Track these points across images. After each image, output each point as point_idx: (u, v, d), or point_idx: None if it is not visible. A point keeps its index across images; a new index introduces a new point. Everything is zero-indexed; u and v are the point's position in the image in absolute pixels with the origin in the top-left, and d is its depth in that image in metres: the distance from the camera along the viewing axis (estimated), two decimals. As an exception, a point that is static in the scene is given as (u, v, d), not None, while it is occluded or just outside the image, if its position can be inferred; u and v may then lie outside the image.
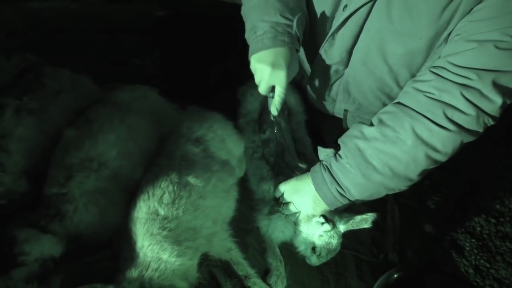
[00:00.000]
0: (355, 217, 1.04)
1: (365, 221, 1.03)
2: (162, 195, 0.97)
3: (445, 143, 0.89)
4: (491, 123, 0.88)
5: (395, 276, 1.07)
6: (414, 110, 0.91)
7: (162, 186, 0.99)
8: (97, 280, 0.85)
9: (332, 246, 1.05)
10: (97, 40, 1.81)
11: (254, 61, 1.02)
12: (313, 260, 1.07)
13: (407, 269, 1.10)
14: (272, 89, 1.04)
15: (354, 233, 1.10)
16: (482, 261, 1.37)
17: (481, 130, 0.88)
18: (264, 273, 1.07)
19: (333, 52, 1.10)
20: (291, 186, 1.11)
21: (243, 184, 1.23)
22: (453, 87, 0.86)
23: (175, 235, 0.93)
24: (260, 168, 1.22)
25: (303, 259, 1.10)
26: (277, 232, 1.11)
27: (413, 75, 1.03)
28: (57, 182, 0.98)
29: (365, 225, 1.04)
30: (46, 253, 0.89)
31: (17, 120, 1.04)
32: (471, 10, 0.84)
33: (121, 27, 1.85)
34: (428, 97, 0.90)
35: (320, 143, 1.08)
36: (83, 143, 1.02)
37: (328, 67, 1.16)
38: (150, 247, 0.90)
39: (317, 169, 1.05)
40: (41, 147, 1.07)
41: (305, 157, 1.25)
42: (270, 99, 1.08)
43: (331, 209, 1.06)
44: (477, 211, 1.53)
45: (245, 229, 1.15)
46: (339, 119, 1.37)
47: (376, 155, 0.94)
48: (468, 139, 0.90)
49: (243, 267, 1.03)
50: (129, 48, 1.80)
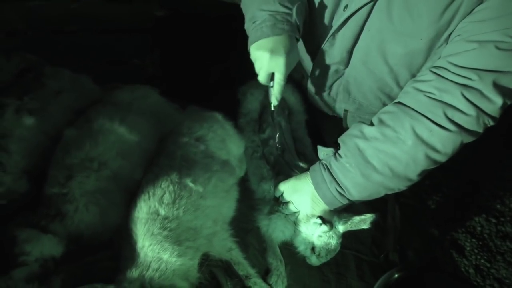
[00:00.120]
0: (353, 218, 1.04)
1: (363, 221, 1.03)
2: (162, 195, 0.97)
3: (445, 143, 0.89)
4: (491, 123, 0.88)
5: (396, 276, 1.07)
6: (414, 110, 0.91)
7: (162, 186, 0.99)
8: (97, 280, 0.85)
9: (331, 246, 1.05)
10: (97, 40, 1.81)
11: (253, 49, 1.01)
12: (313, 260, 1.07)
13: (408, 269, 1.10)
14: (272, 78, 1.03)
15: (354, 233, 1.10)
16: (482, 261, 1.37)
17: (481, 130, 0.88)
18: (264, 273, 1.07)
19: (333, 52, 1.10)
20: (290, 185, 1.11)
21: (244, 184, 1.22)
22: (454, 87, 0.86)
23: (176, 235, 0.93)
24: (260, 167, 1.22)
25: (303, 259, 1.10)
26: (277, 232, 1.11)
27: (413, 76, 1.02)
28: (57, 182, 0.97)
29: (364, 226, 1.03)
30: (46, 253, 0.89)
31: (18, 120, 1.04)
32: (472, 10, 0.84)
33: (121, 27, 1.85)
34: (428, 97, 0.89)
35: (320, 143, 1.08)
36: (83, 143, 1.02)
37: (328, 67, 1.16)
38: (150, 247, 0.90)
39: (317, 168, 1.05)
40: (41, 147, 1.07)
41: (305, 157, 1.25)
42: (270, 89, 1.06)
43: (331, 209, 1.06)
44: (478, 211, 1.53)
45: (245, 229, 1.14)
46: (339, 119, 1.36)
47: (376, 154, 0.94)
48: (468, 139, 0.90)
49: (244, 267, 1.03)
50: (129, 48, 1.79)
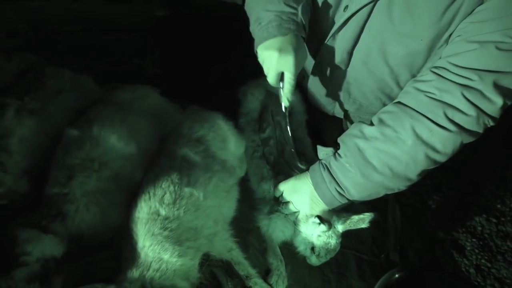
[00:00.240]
0: (352, 217, 1.04)
1: (362, 221, 1.03)
2: (163, 195, 0.97)
3: (445, 144, 0.89)
4: (491, 124, 0.88)
5: (396, 276, 1.07)
6: (414, 110, 0.91)
7: (163, 186, 0.99)
8: (98, 280, 0.85)
9: (330, 246, 1.04)
10: (97, 40, 1.81)
11: (261, 50, 1.00)
12: (313, 260, 1.07)
13: (408, 269, 1.10)
14: (281, 79, 1.02)
15: (355, 233, 1.10)
16: (483, 261, 1.37)
17: (481, 130, 0.88)
18: (265, 273, 1.07)
19: (333, 52, 1.09)
20: (290, 185, 1.11)
21: (244, 183, 1.22)
22: (454, 88, 0.86)
23: (176, 235, 0.93)
24: (260, 167, 1.22)
25: (304, 259, 1.10)
26: (277, 231, 1.11)
27: (414, 76, 1.02)
28: (58, 182, 0.98)
29: (363, 225, 1.03)
30: (47, 253, 0.89)
31: (18, 120, 1.04)
32: (473, 11, 0.84)
33: (122, 27, 1.85)
34: (428, 97, 0.89)
35: (320, 143, 1.08)
36: (84, 143, 1.02)
37: (328, 67, 1.16)
38: (151, 247, 0.90)
39: (316, 168, 1.05)
40: (42, 147, 1.07)
41: (305, 157, 1.25)
42: (280, 90, 1.05)
43: (330, 209, 1.05)
44: (478, 211, 1.52)
45: (246, 229, 1.14)
46: (339, 119, 1.36)
47: (375, 154, 0.94)
48: (468, 139, 0.90)
49: (244, 267, 1.03)
50: (130, 48, 1.79)
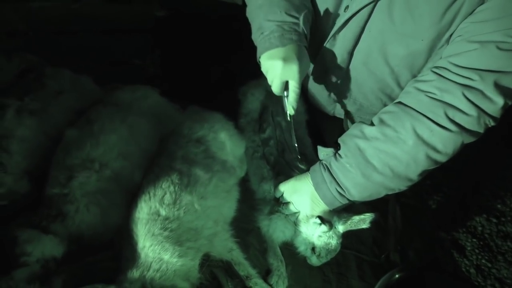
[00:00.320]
0: (353, 218, 1.04)
1: (363, 221, 1.03)
2: (163, 196, 0.97)
3: (446, 144, 0.89)
4: (492, 124, 0.88)
5: (397, 276, 1.07)
6: (415, 110, 0.91)
7: (163, 186, 0.99)
8: (98, 280, 0.85)
9: (331, 246, 1.04)
10: (97, 40, 1.81)
11: (264, 59, 1.00)
12: (314, 260, 1.07)
13: (409, 269, 1.10)
14: (285, 88, 1.02)
15: (355, 233, 1.10)
16: (483, 261, 1.36)
17: (482, 131, 0.88)
18: (265, 273, 1.07)
19: (334, 53, 1.09)
20: (290, 186, 1.11)
21: (244, 184, 1.22)
22: (455, 88, 0.86)
23: (177, 235, 0.93)
24: (260, 168, 1.22)
25: (304, 260, 1.10)
26: (277, 232, 1.10)
27: (415, 76, 1.02)
28: (58, 182, 0.98)
29: (364, 226, 1.03)
30: (47, 254, 0.89)
31: (19, 120, 1.04)
32: (474, 11, 0.84)
33: (122, 28, 1.85)
34: (429, 97, 0.89)
35: (320, 143, 1.08)
36: (84, 143, 1.02)
37: (329, 67, 1.15)
38: (151, 247, 0.90)
39: (317, 168, 1.05)
40: (42, 148, 1.07)
41: (305, 157, 1.25)
42: (284, 99, 1.05)
43: (330, 209, 1.05)
44: (478, 211, 1.52)
45: (246, 229, 1.14)
46: (340, 119, 1.36)
47: (376, 154, 0.93)
48: (468, 139, 0.89)
49: (244, 268, 1.03)
50: (130, 48, 1.80)
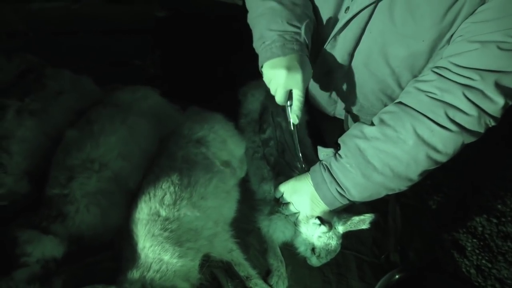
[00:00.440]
0: (353, 218, 1.04)
1: (363, 222, 1.03)
2: (163, 196, 0.97)
3: (446, 144, 0.89)
4: (493, 124, 0.88)
5: (397, 276, 1.07)
6: (415, 110, 0.91)
7: (163, 187, 0.99)
8: (98, 281, 0.85)
9: (331, 247, 1.04)
10: (98, 41, 1.81)
11: (267, 69, 1.00)
12: (314, 261, 1.07)
13: (409, 270, 1.10)
14: (289, 97, 1.02)
15: (355, 234, 1.10)
16: (483, 261, 1.36)
17: (482, 131, 0.88)
18: (265, 274, 1.07)
19: (334, 54, 1.09)
20: (290, 186, 1.11)
21: (244, 184, 1.22)
22: (455, 88, 0.86)
23: (177, 236, 0.93)
24: (260, 168, 1.22)
25: (304, 260, 1.10)
26: (277, 232, 1.10)
27: (415, 77, 1.02)
28: (58, 183, 0.98)
29: (363, 226, 1.03)
30: (47, 254, 0.89)
31: (19, 121, 1.04)
32: (474, 11, 0.84)
33: (122, 28, 1.86)
34: (430, 97, 0.89)
35: (320, 144, 1.08)
36: (84, 144, 1.02)
37: (329, 69, 1.15)
38: (151, 248, 0.90)
39: (317, 168, 1.05)
40: (42, 148, 1.07)
41: (305, 158, 1.25)
42: (288, 108, 1.05)
43: (331, 210, 1.05)
44: (479, 211, 1.52)
45: (246, 229, 1.14)
46: (340, 120, 1.36)
47: (376, 155, 0.93)
48: (469, 139, 0.89)
49: (245, 268, 1.03)
50: (130, 48, 1.80)
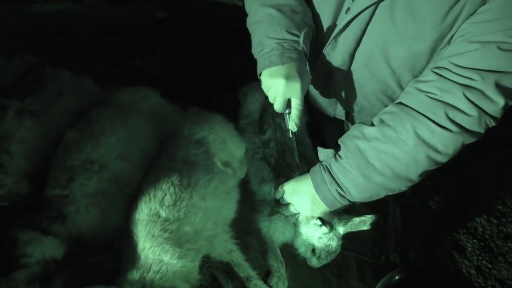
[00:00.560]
0: (353, 219, 1.04)
1: (363, 223, 1.03)
2: (163, 197, 0.97)
3: (447, 144, 0.89)
4: (493, 124, 0.88)
5: (397, 277, 1.07)
6: (415, 110, 0.91)
7: (163, 188, 0.99)
8: (98, 281, 0.85)
9: (331, 248, 1.04)
10: (98, 41, 1.81)
11: (266, 77, 1.00)
12: (314, 262, 1.07)
13: (409, 270, 1.10)
14: (288, 105, 1.02)
15: (355, 235, 1.10)
16: (484, 262, 1.36)
17: (482, 131, 0.88)
18: (265, 275, 1.07)
19: (335, 55, 1.09)
20: (290, 187, 1.11)
21: (244, 185, 1.22)
22: (456, 88, 0.86)
23: (177, 237, 0.93)
24: (261, 169, 1.22)
25: (304, 261, 1.10)
26: (277, 233, 1.10)
27: (416, 77, 1.02)
28: (58, 184, 0.98)
29: (364, 227, 1.03)
30: (47, 255, 0.89)
31: (19, 122, 1.04)
32: (475, 12, 0.84)
33: (122, 29, 1.86)
34: (430, 97, 0.89)
35: (320, 144, 1.08)
36: (84, 145, 1.02)
37: (330, 69, 1.15)
38: (151, 249, 0.90)
39: (317, 169, 1.05)
40: (42, 149, 1.07)
41: (305, 158, 1.25)
42: (286, 115, 1.05)
43: (331, 210, 1.05)
44: (479, 212, 1.52)
45: (246, 230, 1.14)
46: (340, 120, 1.36)
47: (376, 155, 0.93)
48: (469, 140, 0.89)
49: (244, 269, 1.03)
50: (130, 49, 1.80)
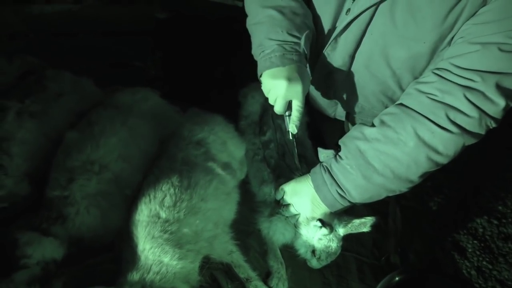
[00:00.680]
0: (354, 221, 1.04)
1: (363, 224, 1.03)
2: (163, 198, 0.97)
3: (447, 145, 0.89)
4: (493, 125, 0.87)
5: (397, 278, 1.07)
6: (416, 111, 0.90)
7: (163, 189, 0.99)
8: (98, 282, 0.85)
9: (331, 249, 1.04)
10: (98, 42, 1.81)
11: (267, 78, 0.99)
12: (314, 263, 1.06)
13: (409, 271, 1.10)
14: (288, 107, 1.02)
15: (355, 236, 1.09)
16: (484, 263, 1.36)
17: (483, 132, 0.88)
18: (265, 276, 1.07)
19: (335, 55, 1.09)
20: (291, 187, 1.11)
21: (244, 186, 1.22)
22: (456, 89, 0.86)
23: (177, 238, 0.93)
24: (261, 170, 1.22)
25: (304, 262, 1.10)
26: (277, 234, 1.10)
27: (416, 78, 1.02)
28: (59, 185, 0.98)
29: (364, 229, 1.03)
30: (48, 256, 0.89)
31: (19, 123, 1.04)
32: (476, 13, 0.84)
33: (122, 30, 1.86)
34: (430, 98, 0.89)
35: (320, 145, 1.07)
36: (84, 145, 1.02)
37: (330, 70, 1.15)
38: (151, 250, 0.90)
39: (317, 170, 1.05)
40: (42, 150, 1.07)
41: (305, 159, 1.24)
42: (286, 117, 1.05)
43: (331, 211, 1.05)
44: (479, 212, 1.52)
45: (246, 231, 1.14)
46: (341, 121, 1.36)
47: (377, 156, 0.93)
48: (470, 141, 0.89)
49: (244, 270, 1.03)
50: (131, 50, 1.80)
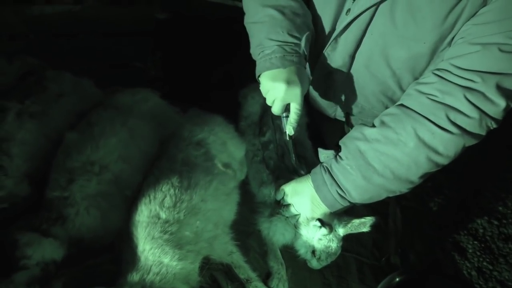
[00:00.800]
0: (353, 221, 1.04)
1: (363, 224, 1.03)
2: (163, 199, 0.97)
3: (447, 146, 0.88)
4: (494, 126, 0.87)
5: (397, 279, 1.07)
6: (416, 112, 0.90)
7: (163, 189, 0.99)
8: (98, 283, 0.85)
9: (331, 249, 1.04)
10: (98, 43, 1.82)
11: (266, 79, 0.99)
12: (314, 263, 1.06)
13: (409, 272, 1.10)
14: (286, 108, 1.02)
15: (355, 236, 1.09)
16: (484, 263, 1.36)
17: (483, 133, 0.88)
18: (265, 277, 1.07)
19: (335, 56, 1.09)
20: (291, 188, 1.11)
21: (244, 186, 1.22)
22: (457, 90, 0.86)
23: (177, 238, 0.93)
24: (260, 172, 1.22)
25: (304, 262, 1.10)
26: (278, 234, 1.10)
27: (416, 79, 1.02)
28: (58, 185, 0.98)
29: (364, 229, 1.03)
30: (47, 257, 0.89)
31: (19, 123, 1.04)
32: (476, 13, 0.84)
33: (123, 30, 1.86)
34: (431, 99, 0.89)
35: (320, 146, 1.08)
36: (84, 146, 1.02)
37: (330, 71, 1.15)
38: (151, 250, 0.90)
39: (317, 170, 1.05)
40: (42, 151, 1.07)
41: (305, 160, 1.24)
42: (283, 119, 1.05)
43: (331, 211, 1.05)
44: (480, 213, 1.52)
45: (246, 232, 1.14)
46: (341, 122, 1.36)
47: (377, 157, 0.93)
48: (470, 142, 0.89)
49: (245, 271, 1.03)
50: (131, 51, 1.80)
